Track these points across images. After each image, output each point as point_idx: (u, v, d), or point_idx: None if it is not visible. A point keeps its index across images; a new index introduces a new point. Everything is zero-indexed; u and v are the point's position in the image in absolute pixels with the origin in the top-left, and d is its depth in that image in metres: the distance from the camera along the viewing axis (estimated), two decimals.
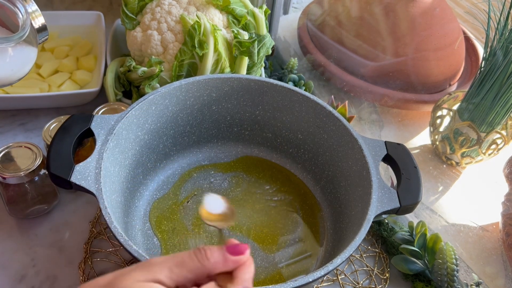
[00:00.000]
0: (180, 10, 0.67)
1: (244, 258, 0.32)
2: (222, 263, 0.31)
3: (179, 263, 0.30)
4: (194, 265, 0.30)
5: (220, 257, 0.31)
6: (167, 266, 0.30)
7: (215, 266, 0.31)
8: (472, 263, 0.63)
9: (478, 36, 0.90)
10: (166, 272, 0.30)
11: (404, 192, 0.51)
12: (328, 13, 0.86)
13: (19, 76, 0.47)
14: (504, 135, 0.69)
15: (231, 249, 0.31)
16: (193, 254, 0.30)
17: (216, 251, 0.31)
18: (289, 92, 0.61)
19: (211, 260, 0.31)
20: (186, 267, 0.30)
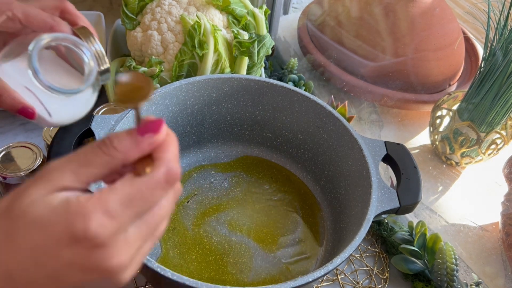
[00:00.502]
0: (180, 10, 0.67)
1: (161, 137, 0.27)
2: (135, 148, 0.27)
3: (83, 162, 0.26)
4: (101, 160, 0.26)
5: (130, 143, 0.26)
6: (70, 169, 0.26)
7: (127, 155, 0.27)
8: (471, 263, 0.63)
9: (478, 36, 0.90)
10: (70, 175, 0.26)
11: (403, 192, 0.51)
12: (328, 13, 0.86)
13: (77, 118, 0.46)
14: (503, 135, 0.69)
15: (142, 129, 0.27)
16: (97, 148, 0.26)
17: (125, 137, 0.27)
18: (289, 92, 0.61)
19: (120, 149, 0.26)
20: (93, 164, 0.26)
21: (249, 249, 0.57)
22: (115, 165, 0.27)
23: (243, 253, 0.57)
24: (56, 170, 0.26)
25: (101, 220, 0.24)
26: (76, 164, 0.26)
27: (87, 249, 0.25)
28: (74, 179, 0.26)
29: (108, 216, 0.25)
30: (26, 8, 0.39)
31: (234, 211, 0.61)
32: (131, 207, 0.25)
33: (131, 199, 0.25)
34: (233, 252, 0.57)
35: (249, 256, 0.57)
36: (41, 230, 0.25)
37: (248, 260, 0.56)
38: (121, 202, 0.25)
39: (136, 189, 0.26)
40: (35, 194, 0.25)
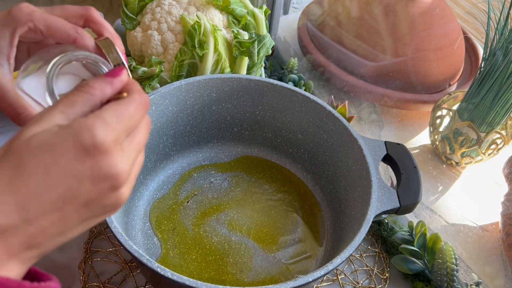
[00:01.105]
0: (180, 10, 0.67)
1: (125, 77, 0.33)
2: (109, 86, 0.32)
3: (68, 103, 0.30)
4: (84, 98, 0.30)
5: (104, 82, 0.32)
6: (57, 110, 0.30)
7: (103, 92, 0.31)
8: (471, 263, 0.63)
9: (478, 36, 0.90)
10: (59, 115, 0.29)
11: (404, 192, 0.51)
12: (328, 13, 0.86)
13: None
14: (503, 135, 0.69)
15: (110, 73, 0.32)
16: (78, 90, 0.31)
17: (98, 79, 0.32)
18: (289, 92, 0.61)
19: (97, 88, 0.31)
20: (77, 103, 0.30)
21: (249, 249, 0.57)
22: (95, 102, 0.31)
23: (243, 253, 0.57)
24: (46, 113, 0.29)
25: (103, 129, 0.28)
26: (63, 105, 0.30)
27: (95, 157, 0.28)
28: (63, 118, 0.29)
29: (108, 126, 0.29)
30: (49, 18, 0.38)
31: (234, 211, 0.61)
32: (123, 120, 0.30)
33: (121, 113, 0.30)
34: (233, 252, 0.57)
35: (249, 256, 0.57)
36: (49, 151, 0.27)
37: (248, 260, 0.56)
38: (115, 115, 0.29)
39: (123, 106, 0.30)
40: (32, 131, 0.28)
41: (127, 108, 0.31)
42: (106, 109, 0.30)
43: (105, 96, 0.32)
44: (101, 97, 0.31)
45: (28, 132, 0.28)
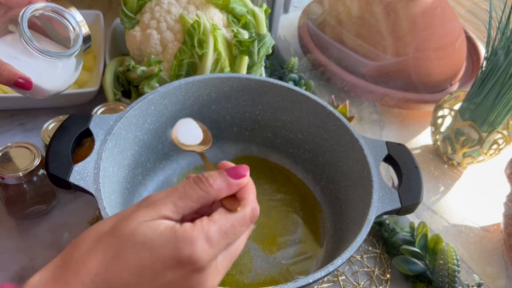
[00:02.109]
0: (179, 9, 0.67)
1: (247, 179, 0.32)
2: (226, 188, 0.31)
3: (182, 195, 0.30)
4: (198, 194, 0.30)
5: (223, 182, 0.31)
6: (170, 200, 0.29)
7: (219, 193, 0.30)
8: (473, 264, 0.63)
9: (479, 36, 0.89)
10: (171, 206, 0.29)
11: (405, 192, 0.51)
12: (328, 13, 0.85)
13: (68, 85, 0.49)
14: (505, 135, 0.69)
15: (233, 172, 0.31)
16: (194, 184, 0.30)
17: (218, 177, 0.31)
18: (289, 92, 0.61)
19: (215, 187, 0.30)
20: (190, 198, 0.30)
21: (249, 250, 0.57)
22: (208, 200, 0.30)
23: (242, 254, 0.57)
24: (159, 200, 0.29)
25: (204, 247, 0.28)
26: (177, 197, 0.30)
27: (188, 272, 0.28)
28: (174, 210, 0.29)
29: (210, 244, 0.28)
30: None
31: None
32: (225, 238, 0.29)
33: (226, 231, 0.29)
34: None
35: (248, 257, 0.56)
36: (149, 251, 0.28)
37: (248, 261, 0.56)
38: (219, 232, 0.29)
39: (230, 223, 0.29)
40: (141, 218, 0.29)
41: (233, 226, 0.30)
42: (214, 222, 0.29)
43: (219, 196, 0.31)
44: (215, 197, 0.31)
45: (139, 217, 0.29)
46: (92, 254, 0.28)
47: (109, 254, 0.28)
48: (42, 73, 0.44)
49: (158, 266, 0.28)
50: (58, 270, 0.28)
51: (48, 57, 0.43)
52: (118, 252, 0.28)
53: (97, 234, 0.29)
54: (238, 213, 0.30)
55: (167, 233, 0.28)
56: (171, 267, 0.28)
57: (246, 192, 0.32)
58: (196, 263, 0.28)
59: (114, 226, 0.29)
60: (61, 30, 0.46)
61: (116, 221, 0.29)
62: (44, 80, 0.45)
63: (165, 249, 0.28)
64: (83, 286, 0.27)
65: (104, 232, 0.29)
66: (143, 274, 0.28)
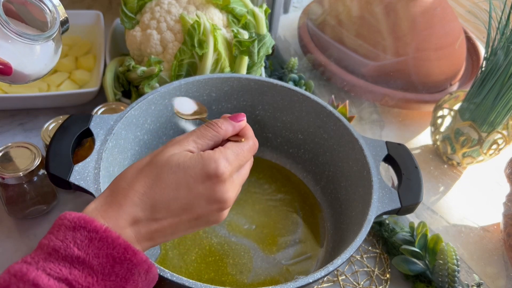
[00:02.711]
0: (179, 9, 0.67)
1: (245, 122, 0.41)
2: (232, 128, 0.40)
3: (200, 135, 0.39)
4: (211, 134, 0.39)
5: (228, 124, 0.40)
6: (191, 139, 0.39)
7: (226, 132, 0.40)
8: (473, 264, 0.63)
9: (479, 36, 0.89)
10: (192, 143, 0.38)
11: (405, 192, 0.51)
12: (328, 13, 0.85)
13: (49, 69, 0.49)
14: (505, 135, 0.69)
15: (234, 118, 0.41)
16: (208, 127, 0.40)
17: (224, 122, 0.40)
18: (289, 92, 0.61)
19: (223, 128, 0.40)
20: (206, 137, 0.39)
21: (249, 250, 0.57)
22: (219, 138, 0.40)
23: (242, 254, 0.57)
24: (183, 139, 0.39)
25: (224, 163, 0.37)
26: (196, 136, 0.39)
27: (214, 184, 0.36)
28: (194, 146, 0.38)
29: (228, 162, 0.37)
30: None
31: (234, 212, 0.61)
32: (238, 159, 0.38)
33: (238, 153, 0.38)
34: (232, 253, 0.56)
35: (248, 257, 0.56)
36: (183, 171, 0.36)
37: (248, 261, 0.56)
38: (233, 154, 0.38)
39: (240, 148, 0.39)
40: (172, 151, 0.37)
41: (243, 150, 0.39)
42: (228, 148, 0.38)
43: (227, 135, 0.40)
44: (224, 136, 0.40)
45: (170, 151, 0.37)
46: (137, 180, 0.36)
47: (151, 177, 0.36)
48: (21, 57, 0.44)
49: (191, 181, 0.36)
50: (109, 197, 0.35)
51: (27, 40, 0.42)
52: (158, 175, 0.36)
53: (138, 167, 0.37)
54: (244, 143, 0.39)
55: (195, 157, 0.36)
56: (201, 181, 0.36)
57: (247, 130, 0.41)
58: (221, 176, 0.36)
59: (150, 159, 0.37)
60: (37, 14, 0.45)
61: (151, 157, 0.37)
62: (24, 64, 0.45)
63: (195, 168, 0.36)
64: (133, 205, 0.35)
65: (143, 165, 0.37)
66: (180, 188, 0.36)
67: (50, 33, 0.44)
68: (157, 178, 0.36)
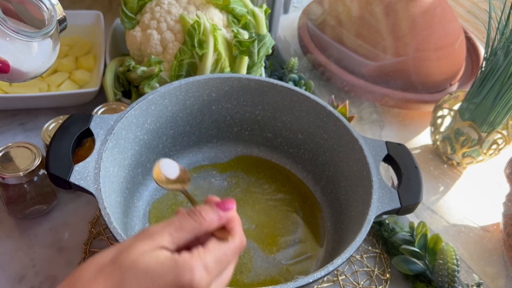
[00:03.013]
0: (179, 9, 0.67)
1: (234, 212, 0.35)
2: (217, 220, 0.34)
3: (178, 227, 0.32)
4: (192, 226, 0.32)
5: (214, 215, 0.33)
6: (167, 232, 0.32)
7: (211, 224, 0.33)
8: (473, 264, 0.63)
9: (479, 36, 0.90)
10: (167, 237, 0.31)
11: (404, 192, 0.51)
12: (328, 13, 0.85)
13: (47, 67, 0.49)
14: (505, 135, 0.69)
15: (222, 206, 0.34)
16: (189, 216, 0.33)
17: (210, 210, 0.34)
18: (289, 92, 0.61)
19: (207, 219, 0.33)
20: (185, 229, 0.32)
21: (249, 250, 0.57)
22: (200, 231, 0.33)
23: (242, 254, 0.57)
24: (157, 232, 0.31)
25: (201, 273, 0.30)
26: (173, 229, 0.32)
27: None
28: (170, 241, 0.31)
29: (206, 271, 0.30)
30: None
31: None
32: (219, 265, 0.32)
33: (220, 259, 0.32)
34: None
35: (248, 257, 0.57)
36: (151, 280, 0.29)
37: (247, 261, 0.56)
38: (215, 260, 0.31)
39: (223, 252, 0.32)
40: (141, 249, 0.30)
41: (226, 255, 0.32)
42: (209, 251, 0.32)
43: (210, 228, 0.33)
44: (207, 228, 0.33)
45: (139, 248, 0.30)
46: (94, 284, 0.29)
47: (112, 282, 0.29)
48: (19, 55, 0.44)
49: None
50: None
51: (24, 37, 0.42)
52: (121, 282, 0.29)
53: (98, 265, 0.30)
54: (229, 243, 0.33)
55: (168, 262, 0.30)
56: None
57: (234, 223, 0.34)
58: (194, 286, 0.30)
59: (114, 257, 0.30)
60: (35, 12, 0.45)
61: (116, 253, 0.31)
62: (22, 62, 0.45)
63: (166, 277, 0.29)
64: None
65: (105, 263, 0.30)
66: None
67: (47, 31, 0.44)
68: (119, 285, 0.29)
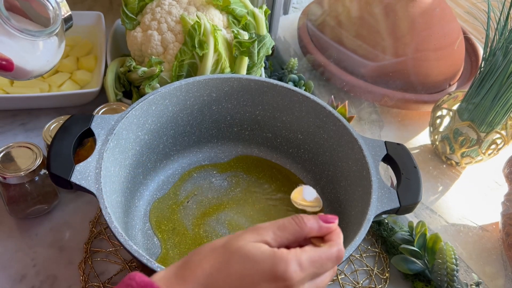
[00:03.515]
0: (180, 10, 0.67)
1: (335, 226, 0.38)
2: (317, 228, 0.37)
3: (281, 227, 0.36)
4: (293, 228, 0.36)
5: (315, 223, 0.37)
6: (272, 230, 0.36)
7: (310, 230, 0.36)
8: (472, 263, 0.63)
9: (478, 36, 0.90)
10: (271, 234, 0.35)
11: (404, 192, 0.51)
12: (328, 13, 0.86)
13: (52, 66, 0.49)
14: (504, 135, 0.69)
15: (323, 217, 0.38)
16: (292, 220, 0.37)
17: (311, 218, 0.37)
18: (289, 92, 0.61)
19: (308, 225, 0.36)
20: (287, 230, 0.36)
21: None
22: (300, 236, 0.36)
23: None
24: (263, 228, 0.36)
25: (295, 267, 0.34)
26: (276, 227, 0.36)
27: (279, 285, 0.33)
28: (273, 237, 0.35)
29: (300, 266, 0.34)
30: None
31: (234, 211, 0.61)
32: (312, 266, 0.35)
33: (314, 260, 0.35)
34: None
35: None
36: (251, 264, 0.34)
37: None
38: (309, 260, 0.34)
39: (318, 254, 0.35)
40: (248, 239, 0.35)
41: (321, 258, 0.35)
42: (305, 251, 0.35)
43: (310, 234, 0.37)
44: (307, 234, 0.36)
45: (246, 238, 0.35)
46: (207, 260, 0.34)
47: (220, 261, 0.34)
48: (23, 54, 0.44)
49: (257, 277, 0.33)
50: (179, 268, 0.34)
51: (28, 36, 0.42)
52: (228, 261, 0.34)
53: (213, 247, 0.35)
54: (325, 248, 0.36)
55: (267, 252, 0.34)
56: (267, 280, 0.33)
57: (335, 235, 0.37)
58: (288, 280, 0.33)
59: (226, 241, 0.35)
60: (41, 10, 0.45)
61: (228, 239, 0.36)
62: (26, 60, 0.45)
63: (264, 264, 0.33)
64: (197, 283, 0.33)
65: (218, 245, 0.35)
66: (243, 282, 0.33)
67: (52, 29, 0.44)
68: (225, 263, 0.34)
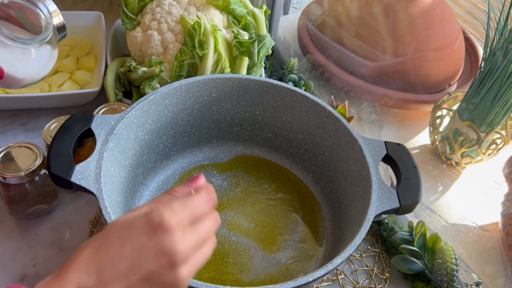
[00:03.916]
0: (180, 10, 0.67)
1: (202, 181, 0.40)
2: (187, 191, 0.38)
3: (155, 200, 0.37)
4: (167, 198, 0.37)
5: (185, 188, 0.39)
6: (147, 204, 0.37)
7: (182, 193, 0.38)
8: (472, 263, 0.63)
9: (478, 36, 0.90)
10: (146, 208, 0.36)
11: (404, 192, 0.51)
12: (328, 13, 0.86)
13: (43, 75, 0.49)
14: (503, 135, 0.69)
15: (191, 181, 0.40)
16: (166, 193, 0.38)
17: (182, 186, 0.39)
18: (289, 92, 0.61)
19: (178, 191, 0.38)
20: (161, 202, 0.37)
21: (249, 249, 0.57)
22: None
23: (242, 253, 0.57)
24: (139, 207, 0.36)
25: (169, 212, 0.34)
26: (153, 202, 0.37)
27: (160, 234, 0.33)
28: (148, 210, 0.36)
29: (173, 211, 0.35)
30: None
31: (234, 211, 0.61)
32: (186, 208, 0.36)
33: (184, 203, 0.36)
34: (232, 252, 0.57)
35: (248, 256, 0.57)
36: (127, 226, 0.34)
37: (247, 260, 0.56)
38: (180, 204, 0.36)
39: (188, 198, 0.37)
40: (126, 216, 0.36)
41: (190, 199, 0.37)
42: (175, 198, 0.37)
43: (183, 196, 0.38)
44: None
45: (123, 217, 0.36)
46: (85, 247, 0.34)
47: (99, 240, 0.34)
48: (14, 62, 0.44)
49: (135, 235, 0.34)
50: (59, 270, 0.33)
51: (19, 44, 0.42)
52: (105, 236, 0.34)
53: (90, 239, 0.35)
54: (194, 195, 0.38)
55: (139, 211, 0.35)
56: (146, 233, 0.33)
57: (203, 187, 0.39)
58: (165, 224, 0.34)
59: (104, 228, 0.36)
60: (34, 19, 0.45)
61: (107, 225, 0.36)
62: (17, 69, 0.45)
63: (139, 221, 0.34)
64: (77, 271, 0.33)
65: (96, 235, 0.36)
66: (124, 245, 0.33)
67: (43, 37, 0.44)
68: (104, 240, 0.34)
